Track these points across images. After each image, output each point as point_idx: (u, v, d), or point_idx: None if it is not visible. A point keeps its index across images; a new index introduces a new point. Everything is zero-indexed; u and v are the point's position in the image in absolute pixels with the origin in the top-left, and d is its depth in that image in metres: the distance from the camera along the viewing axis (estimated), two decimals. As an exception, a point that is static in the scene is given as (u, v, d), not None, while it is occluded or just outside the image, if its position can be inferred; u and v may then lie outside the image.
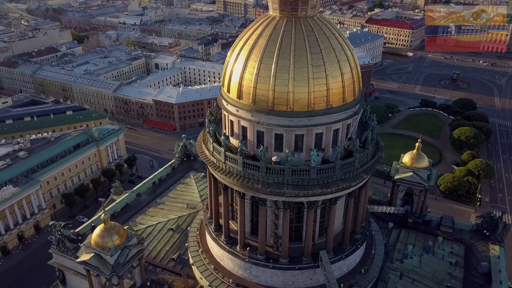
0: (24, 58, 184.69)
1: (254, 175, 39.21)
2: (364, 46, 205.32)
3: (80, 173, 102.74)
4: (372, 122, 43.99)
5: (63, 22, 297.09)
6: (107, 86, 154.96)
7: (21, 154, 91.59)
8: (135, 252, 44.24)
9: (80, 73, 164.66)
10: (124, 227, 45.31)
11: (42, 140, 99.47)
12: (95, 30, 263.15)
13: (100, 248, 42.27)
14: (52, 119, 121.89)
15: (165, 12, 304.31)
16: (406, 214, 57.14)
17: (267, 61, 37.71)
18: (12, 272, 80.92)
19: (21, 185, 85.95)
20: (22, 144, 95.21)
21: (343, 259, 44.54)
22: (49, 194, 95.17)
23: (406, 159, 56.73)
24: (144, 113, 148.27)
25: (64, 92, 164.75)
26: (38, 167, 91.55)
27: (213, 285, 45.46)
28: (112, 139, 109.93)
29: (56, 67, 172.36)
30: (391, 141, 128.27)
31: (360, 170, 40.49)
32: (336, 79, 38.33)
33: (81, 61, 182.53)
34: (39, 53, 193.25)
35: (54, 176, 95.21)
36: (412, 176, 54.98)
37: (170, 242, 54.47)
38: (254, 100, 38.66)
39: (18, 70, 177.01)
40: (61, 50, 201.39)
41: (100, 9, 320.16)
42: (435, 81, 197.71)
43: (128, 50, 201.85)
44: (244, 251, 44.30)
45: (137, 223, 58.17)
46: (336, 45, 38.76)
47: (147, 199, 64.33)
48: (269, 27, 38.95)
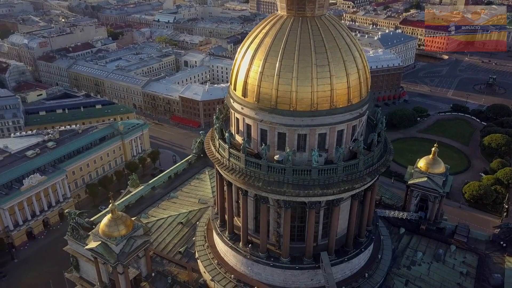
0: (61, 53, 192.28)
1: (256, 173, 39.49)
2: (396, 47, 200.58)
3: (105, 165, 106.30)
4: (381, 124, 43.27)
5: (100, 19, 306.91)
6: (137, 81, 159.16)
7: (50, 145, 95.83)
8: (141, 242, 45.51)
9: (112, 68, 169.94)
10: (131, 218, 46.74)
11: (70, 131, 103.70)
12: (130, 27, 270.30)
13: (107, 237, 43.79)
14: (82, 112, 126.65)
15: (198, 11, 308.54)
16: (420, 220, 55.67)
17: (271, 59, 37.87)
18: (36, 256, 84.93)
19: (48, 174, 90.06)
20: (51, 135, 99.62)
21: (345, 261, 44.09)
22: (74, 183, 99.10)
23: (422, 164, 55.35)
24: (170, 109, 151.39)
25: (96, 86, 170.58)
26: (64, 158, 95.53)
27: (215, 280, 46.13)
28: (136, 133, 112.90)
29: (90, 62, 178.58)
30: (416, 146, 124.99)
31: (364, 172, 39.97)
32: (341, 79, 37.99)
33: (114, 57, 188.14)
34: (75, 49, 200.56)
35: (79, 167, 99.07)
36: (427, 182, 53.57)
37: (179, 235, 55.61)
38: (258, 98, 38.93)
39: (55, 64, 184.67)
40: (96, 46, 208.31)
41: (136, 7, 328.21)
42: (469, 86, 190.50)
43: (160, 47, 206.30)
44: (246, 248, 44.69)
45: (149, 215, 59.71)
46: (342, 46, 38.38)
47: (162, 192, 65.90)
48: (276, 26, 39.09)
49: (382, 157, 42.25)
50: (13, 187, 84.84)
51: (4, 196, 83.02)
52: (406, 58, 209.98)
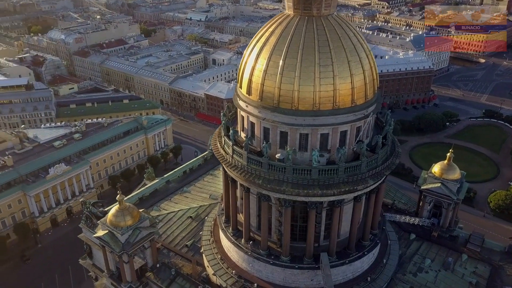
0: (95, 49, 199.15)
1: (257, 171, 39.74)
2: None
3: (128, 158, 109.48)
4: (389, 126, 42.54)
5: (135, 16, 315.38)
6: (164, 78, 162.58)
7: (76, 136, 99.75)
8: (146, 234, 46.71)
9: (142, 65, 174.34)
10: (138, 209, 48.12)
11: (96, 124, 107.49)
12: (163, 25, 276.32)
13: (114, 227, 45.26)
14: (110, 106, 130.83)
15: (230, 9, 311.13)
16: (432, 227, 54.27)
17: (275, 58, 37.99)
18: (59, 242, 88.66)
19: (72, 164, 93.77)
20: (78, 127, 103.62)
21: (346, 264, 43.66)
22: (98, 175, 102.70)
23: (436, 169, 53.99)
24: (196, 106, 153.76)
25: (126, 82, 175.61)
26: (89, 149, 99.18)
27: (217, 274, 46.80)
28: (160, 128, 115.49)
29: (122, 58, 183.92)
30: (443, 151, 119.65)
31: (367, 174, 39.41)
32: (345, 80, 37.62)
33: (145, 54, 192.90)
34: (109, 45, 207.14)
35: (103, 159, 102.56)
36: (440, 188, 52.15)
37: (187, 229, 56.63)
38: (261, 97, 39.17)
39: (89, 59, 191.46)
40: (129, 43, 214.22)
41: (170, 5, 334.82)
42: (505, 91, 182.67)
43: (189, 45, 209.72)
44: (248, 244, 45.07)
45: (161, 208, 61.22)
46: (348, 46, 38.00)
47: (175, 186, 67.35)
48: (282, 25, 39.18)
49: (387, 160, 41.51)
50: (40, 175, 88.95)
51: (31, 183, 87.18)
52: (439, 61, 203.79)
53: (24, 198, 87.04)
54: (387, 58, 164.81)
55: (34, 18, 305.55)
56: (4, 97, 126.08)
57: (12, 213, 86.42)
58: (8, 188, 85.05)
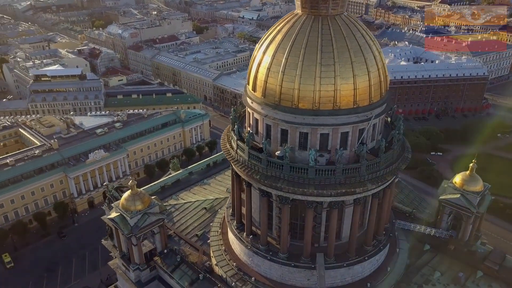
0: (148, 44, 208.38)
1: (256, 166, 40.48)
2: (487, 56, 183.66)
3: (164, 149, 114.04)
4: (396, 131, 41.54)
5: (191, 13, 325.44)
6: (209, 74, 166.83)
7: (117, 125, 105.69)
8: (155, 219, 49.11)
9: (189, 60, 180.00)
10: (149, 196, 50.63)
11: (137, 115, 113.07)
12: (215, 22, 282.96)
13: (125, 210, 48.05)
14: (153, 99, 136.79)
15: (282, 9, 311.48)
16: (450, 239, 51.96)
17: (279, 56, 38.44)
18: (94, 223, 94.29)
19: (111, 151, 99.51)
20: (120, 116, 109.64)
21: (344, 267, 43.16)
22: (134, 163, 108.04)
23: (457, 179, 51.56)
24: (236, 102, 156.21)
25: (174, 76, 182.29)
26: (128, 138, 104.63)
27: (219, 265, 48.06)
28: (197, 122, 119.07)
29: (171, 54, 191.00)
30: (487, 163, 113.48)
31: (366, 178, 38.79)
32: (347, 80, 37.27)
33: (194, 50, 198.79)
34: (161, 40, 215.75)
35: (140, 148, 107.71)
36: (459, 199, 49.75)
37: (200, 219, 58.47)
38: (264, 94, 39.81)
39: (142, 53, 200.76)
40: (180, 39, 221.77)
41: (225, 3, 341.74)
42: None
43: (237, 43, 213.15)
44: (248, 238, 45.92)
45: (179, 198, 63.61)
46: (353, 46, 37.56)
47: (197, 178, 69.66)
48: (289, 24, 39.60)
49: (391, 164, 40.50)
50: (80, 159, 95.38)
51: (72, 166, 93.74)
52: (498, 68, 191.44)
53: (65, 179, 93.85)
54: (438, 62, 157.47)
55: (98, 13, 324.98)
56: (59, 86, 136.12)
57: (54, 192, 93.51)
58: (52, 169, 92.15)
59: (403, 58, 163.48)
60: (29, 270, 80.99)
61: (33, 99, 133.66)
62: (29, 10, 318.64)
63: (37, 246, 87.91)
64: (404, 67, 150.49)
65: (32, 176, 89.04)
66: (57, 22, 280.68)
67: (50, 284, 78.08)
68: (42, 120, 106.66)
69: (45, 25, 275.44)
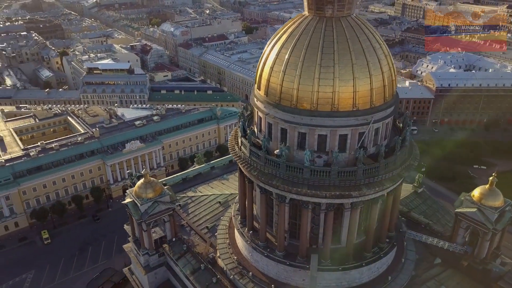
0: (198, 42, 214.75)
1: (255, 163, 41.38)
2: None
3: (199, 144, 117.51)
4: (399, 137, 40.62)
5: (244, 13, 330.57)
6: (251, 74, 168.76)
7: (155, 118, 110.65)
8: (165, 208, 51.44)
9: (234, 60, 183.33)
10: (162, 185, 53.10)
11: (175, 110, 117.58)
12: (266, 23, 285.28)
13: (137, 197, 50.84)
14: (194, 95, 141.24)
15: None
16: (465, 255, 49.74)
17: (282, 56, 39.05)
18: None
19: (147, 142, 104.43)
20: (159, 110, 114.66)
21: (339, 271, 42.87)
22: (169, 155, 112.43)
23: (476, 193, 49.19)
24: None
25: (218, 75, 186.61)
26: (164, 131, 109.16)
27: (221, 258, 49.51)
28: (232, 120, 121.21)
29: (218, 52, 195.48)
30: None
31: (362, 182, 38.37)
32: (346, 83, 37.14)
33: (240, 50, 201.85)
34: (211, 39, 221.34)
35: (175, 142, 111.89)
36: (475, 213, 47.50)
37: (213, 213, 60.19)
38: (267, 92, 40.60)
39: (190, 51, 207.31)
40: (229, 38, 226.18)
41: (279, 4, 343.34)
42: None
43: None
44: (249, 233, 46.90)
45: (197, 190, 65.88)
46: (355, 49, 37.32)
47: (217, 173, 71.59)
48: (295, 24, 40.03)
49: (392, 170, 39.64)
50: (118, 148, 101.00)
51: (110, 154, 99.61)
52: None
53: (103, 166, 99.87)
54: (491, 71, 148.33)
55: (156, 11, 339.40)
56: (109, 79, 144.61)
57: (92, 177, 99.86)
58: (92, 156, 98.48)
59: (453, 65, 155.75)
60: (63, 248, 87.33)
61: (85, 90, 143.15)
62: (94, 7, 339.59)
63: (73, 226, 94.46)
64: (452, 74, 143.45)
65: (73, 161, 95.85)
66: (117, 19, 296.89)
67: (80, 262, 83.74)
68: (88, 110, 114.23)
69: (106, 22, 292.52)
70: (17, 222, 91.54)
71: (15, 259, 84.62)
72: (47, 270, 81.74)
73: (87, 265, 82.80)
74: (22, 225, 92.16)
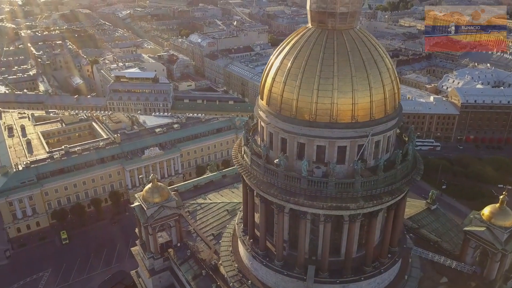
0: (224, 53, 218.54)
1: (255, 172, 41.95)
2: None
3: (217, 153, 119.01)
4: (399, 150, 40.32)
5: (271, 26, 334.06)
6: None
7: (175, 126, 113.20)
8: (170, 213, 52.54)
9: (257, 71, 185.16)
10: (169, 190, 54.33)
11: (195, 119, 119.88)
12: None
13: (144, 201, 52.24)
14: (216, 105, 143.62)
15: (363, 25, 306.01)
16: (473, 275, 48.29)
17: (283, 66, 39.69)
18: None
19: (166, 149, 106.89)
20: (180, 119, 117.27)
21: (337, 283, 42.50)
22: (188, 163, 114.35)
23: (486, 211, 47.91)
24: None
25: (242, 86, 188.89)
26: (183, 139, 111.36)
27: (223, 265, 49.99)
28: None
29: (242, 64, 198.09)
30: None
31: (359, 194, 38.20)
32: (345, 94, 37.32)
33: (264, 61, 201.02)
34: (237, 50, 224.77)
35: (194, 150, 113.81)
36: (483, 232, 46.24)
37: (220, 220, 60.76)
38: (268, 102, 41.27)
39: (216, 62, 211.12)
40: (255, 50, 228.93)
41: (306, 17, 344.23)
42: None
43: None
44: (249, 241, 47.26)
45: (207, 198, 66.75)
46: (355, 61, 37.53)
47: (229, 181, 72.31)
48: (298, 36, 40.73)
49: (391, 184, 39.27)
50: (137, 154, 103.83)
51: (129, 160, 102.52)
52: None
53: (122, 171, 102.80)
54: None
55: (186, 23, 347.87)
56: (135, 87, 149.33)
57: (111, 182, 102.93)
58: (112, 161, 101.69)
59: (481, 81, 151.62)
60: (79, 248, 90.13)
61: (111, 97, 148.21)
62: (128, 18, 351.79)
63: (90, 228, 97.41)
64: (479, 90, 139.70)
65: (94, 165, 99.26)
66: (149, 29, 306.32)
67: (94, 264, 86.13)
68: (112, 116, 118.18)
69: (138, 32, 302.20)
70: (38, 221, 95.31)
71: (35, 257, 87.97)
72: (63, 269, 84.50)
73: (101, 267, 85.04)
74: (43, 225, 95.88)
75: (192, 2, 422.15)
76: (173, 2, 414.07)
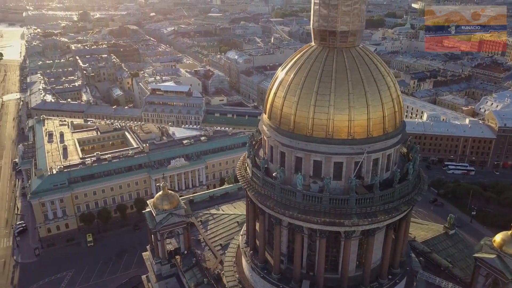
0: (259, 70, 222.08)
1: (255, 184, 42.95)
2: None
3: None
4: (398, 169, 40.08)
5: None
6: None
7: (202, 139, 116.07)
8: (179, 221, 54.42)
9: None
10: (179, 199, 56.23)
11: (223, 132, 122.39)
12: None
13: (154, 207, 54.50)
14: (245, 120, 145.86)
15: (403, 44, 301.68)
16: (483, 305, 46.35)
17: (284, 82, 40.92)
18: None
19: (191, 161, 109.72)
20: (207, 131, 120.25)
21: (332, 300, 42.17)
22: (212, 175, 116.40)
23: (497, 238, 46.23)
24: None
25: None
26: (209, 151, 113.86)
27: (225, 275, 50.91)
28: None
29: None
30: None
31: (354, 211, 38.16)
32: (341, 111, 37.83)
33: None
34: (272, 68, 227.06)
35: (219, 162, 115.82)
36: (493, 260, 44.54)
37: (230, 231, 61.85)
38: (270, 116, 42.47)
39: (251, 78, 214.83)
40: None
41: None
42: None
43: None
44: (250, 253, 47.92)
45: (220, 209, 68.19)
46: (354, 79, 38.09)
47: (243, 194, 72.71)
48: (301, 53, 41.96)
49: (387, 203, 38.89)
50: (164, 164, 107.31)
51: (155, 169, 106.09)
52: None
53: (149, 179, 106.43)
54: None
55: (227, 40, 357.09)
56: (169, 100, 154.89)
57: (137, 189, 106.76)
58: (139, 169, 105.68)
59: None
60: (102, 252, 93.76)
61: (147, 108, 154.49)
62: (172, 34, 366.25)
63: (115, 233, 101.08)
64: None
65: (122, 172, 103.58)
66: (190, 45, 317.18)
67: (114, 267, 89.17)
68: (143, 127, 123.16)
69: (180, 48, 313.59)
70: (67, 223, 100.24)
71: (61, 257, 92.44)
72: (85, 270, 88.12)
73: (120, 271, 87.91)
74: (71, 227, 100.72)
75: (234, 20, 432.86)
76: (216, 19, 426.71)
